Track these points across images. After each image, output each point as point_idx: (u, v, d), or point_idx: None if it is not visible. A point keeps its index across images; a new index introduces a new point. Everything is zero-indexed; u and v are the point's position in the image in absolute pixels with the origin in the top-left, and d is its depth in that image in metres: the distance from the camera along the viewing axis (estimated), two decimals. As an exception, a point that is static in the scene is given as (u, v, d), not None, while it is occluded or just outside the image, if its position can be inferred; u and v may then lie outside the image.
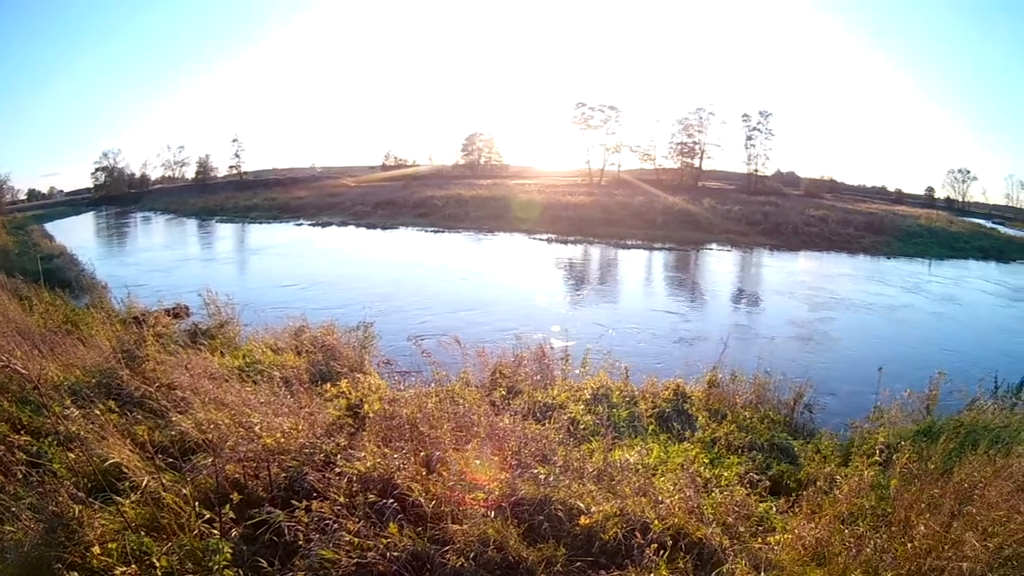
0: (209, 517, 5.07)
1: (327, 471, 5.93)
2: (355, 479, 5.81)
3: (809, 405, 10.71)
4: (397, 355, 11.38)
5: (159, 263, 33.53)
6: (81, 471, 6.00)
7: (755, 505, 6.67)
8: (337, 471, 5.90)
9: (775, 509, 6.94)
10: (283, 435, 6.49)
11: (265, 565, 4.90)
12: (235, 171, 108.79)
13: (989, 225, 71.95)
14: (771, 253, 44.77)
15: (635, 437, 8.73)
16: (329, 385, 8.67)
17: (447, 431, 6.76)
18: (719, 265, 38.92)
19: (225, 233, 53.13)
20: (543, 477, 6.03)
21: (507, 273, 31.45)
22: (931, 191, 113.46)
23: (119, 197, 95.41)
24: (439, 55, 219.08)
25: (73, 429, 6.43)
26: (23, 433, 6.79)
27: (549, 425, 7.39)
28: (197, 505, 5.17)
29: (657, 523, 5.57)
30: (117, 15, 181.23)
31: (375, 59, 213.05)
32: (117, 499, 5.38)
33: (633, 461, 6.84)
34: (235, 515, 5.08)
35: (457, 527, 5.27)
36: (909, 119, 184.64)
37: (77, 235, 51.54)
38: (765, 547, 5.78)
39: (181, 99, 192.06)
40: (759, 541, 5.94)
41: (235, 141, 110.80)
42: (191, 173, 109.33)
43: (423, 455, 6.26)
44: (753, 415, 10.16)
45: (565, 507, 5.75)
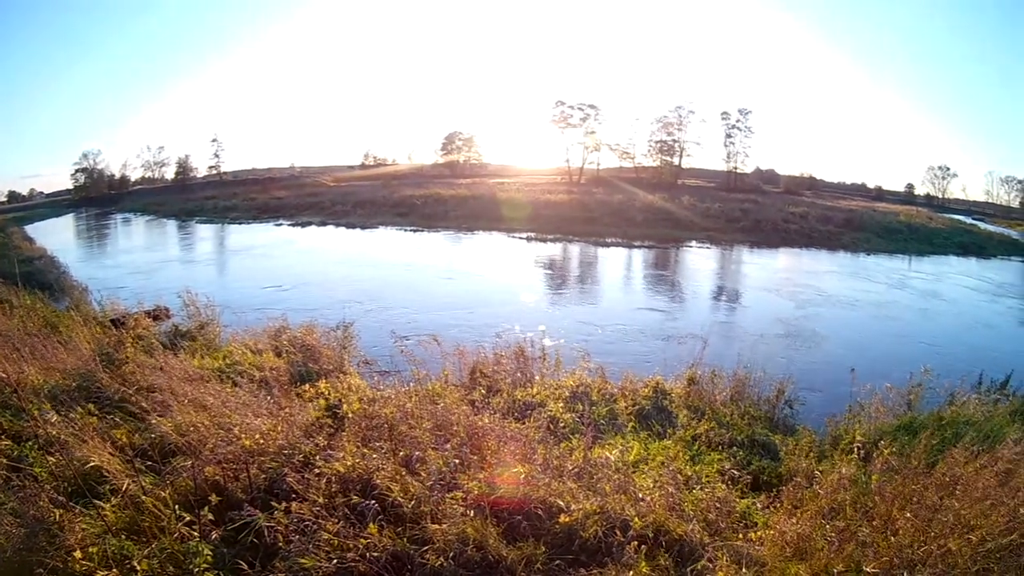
0: (189, 520, 5.03)
1: (306, 472, 5.92)
2: (334, 480, 5.80)
3: (790, 401, 10.75)
4: (378, 355, 11.38)
5: (140, 265, 33.24)
6: (62, 475, 5.98)
7: (736, 501, 6.73)
8: (316, 472, 5.88)
9: (756, 505, 6.98)
10: (262, 436, 6.46)
11: (245, 567, 4.88)
12: (215, 171, 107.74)
13: (969, 221, 72.56)
14: (751, 250, 44.97)
15: (615, 435, 8.75)
16: (308, 386, 8.65)
17: (426, 431, 6.77)
18: (699, 263, 39.10)
19: (205, 234, 52.71)
20: (523, 475, 6.02)
21: (488, 272, 31.39)
22: (911, 188, 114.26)
23: (99, 198, 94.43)
24: (419, 54, 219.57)
25: (53, 433, 6.42)
26: (3, 437, 6.74)
27: (529, 423, 7.39)
28: (177, 508, 5.15)
29: (637, 520, 5.57)
30: (96, 18, 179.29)
31: (355, 58, 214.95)
32: (98, 503, 5.36)
33: (613, 459, 6.84)
34: (215, 517, 5.07)
35: (436, 527, 5.26)
36: (889, 117, 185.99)
37: (58, 237, 51.11)
38: (746, 543, 5.83)
39: (161, 101, 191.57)
40: (740, 537, 6.00)
41: (215, 141, 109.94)
42: (171, 173, 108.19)
43: (402, 455, 6.26)
44: (734, 411, 10.21)
45: (545, 505, 5.74)
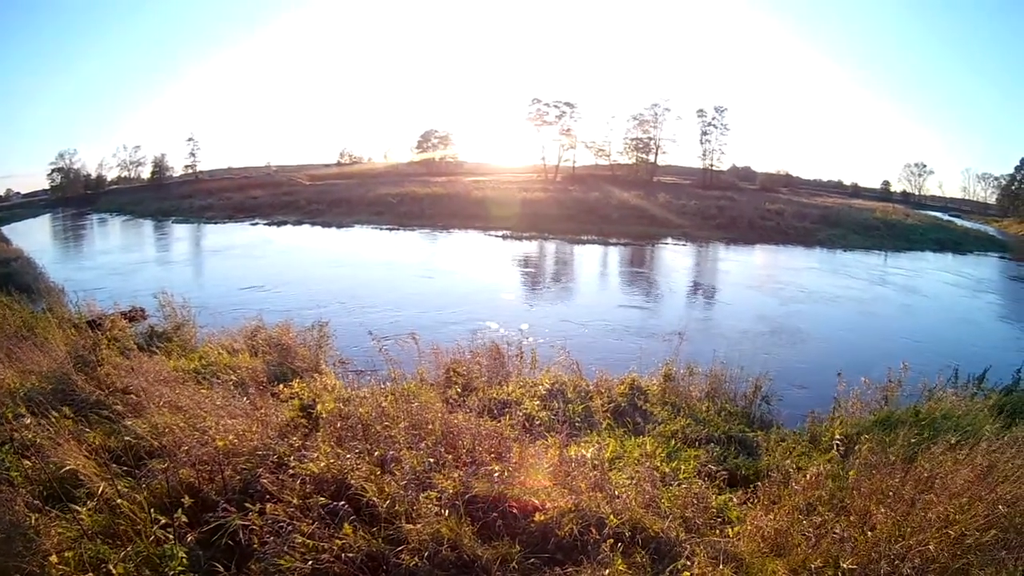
0: (165, 523, 5.02)
1: (281, 473, 5.92)
2: (308, 480, 5.80)
3: (767, 397, 10.82)
4: (357, 355, 11.35)
5: (117, 266, 32.87)
6: (37, 479, 5.95)
7: (713, 497, 6.74)
8: (291, 472, 5.88)
9: (734, 501, 7.01)
10: (237, 437, 6.44)
11: (221, 570, 4.88)
12: (191, 171, 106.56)
13: (946, 218, 73.39)
14: (727, 247, 45.34)
15: (591, 432, 8.77)
16: (283, 386, 8.63)
17: (401, 430, 6.76)
18: (676, 260, 39.45)
19: (182, 234, 52.23)
20: (497, 474, 6.04)
21: (466, 270, 31.39)
22: (887, 185, 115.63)
23: (76, 198, 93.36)
24: (395, 52, 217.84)
25: (29, 436, 6.38)
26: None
27: (504, 422, 7.40)
28: (152, 511, 5.14)
29: (613, 518, 5.58)
30: (70, 20, 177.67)
31: (331, 56, 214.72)
32: (73, 507, 5.34)
33: (589, 456, 6.85)
34: (190, 520, 5.06)
35: (411, 526, 5.26)
36: (865, 114, 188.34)
37: (34, 238, 50.47)
38: (724, 539, 5.85)
39: (136, 101, 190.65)
40: (718, 533, 6.02)
41: (190, 140, 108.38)
42: (147, 173, 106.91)
43: (377, 454, 6.27)
44: (710, 408, 10.27)
45: (520, 504, 5.77)
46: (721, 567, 5.31)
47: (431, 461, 6.12)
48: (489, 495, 5.80)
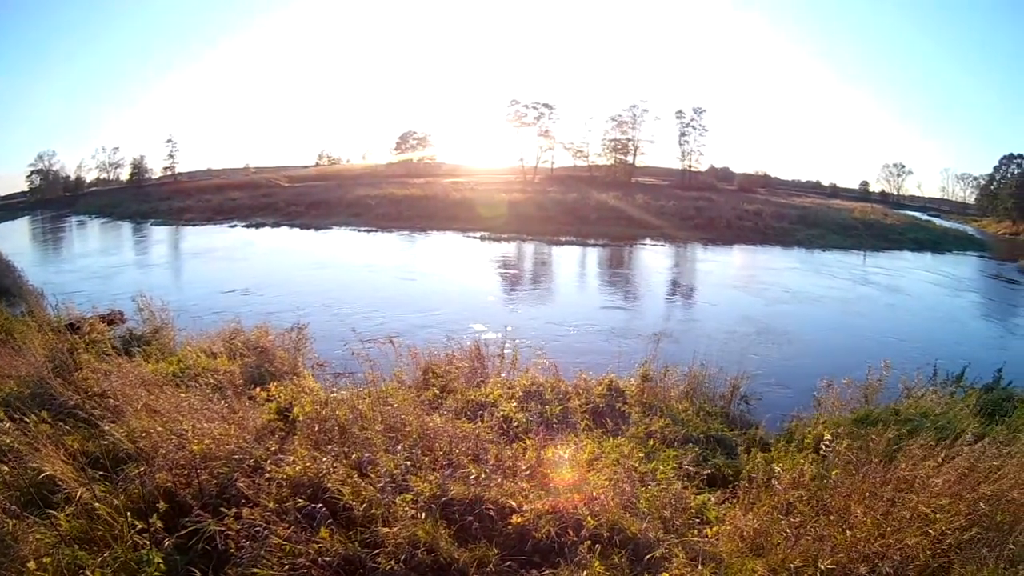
0: (142, 528, 5.01)
1: (257, 476, 5.90)
2: (285, 484, 5.78)
3: (746, 396, 10.90)
4: (335, 357, 11.33)
5: (96, 269, 32.70)
6: (15, 484, 5.91)
7: (692, 498, 6.73)
8: (267, 476, 5.87)
9: (712, 501, 7.02)
10: (213, 441, 6.40)
11: (199, 574, 4.88)
12: (170, 172, 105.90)
13: (924, 218, 74.21)
14: (705, 248, 45.74)
15: (569, 433, 8.77)
16: (259, 389, 8.60)
17: (378, 432, 6.76)
18: (655, 260, 39.76)
19: (161, 237, 51.82)
20: (474, 476, 6.04)
21: (445, 272, 31.48)
22: (866, 185, 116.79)
23: (55, 200, 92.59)
24: (373, 53, 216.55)
25: (7, 441, 6.34)
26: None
27: (481, 424, 7.40)
28: (129, 516, 5.12)
29: (590, 519, 5.59)
30: (50, 20, 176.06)
31: (309, 57, 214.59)
32: (51, 512, 5.32)
33: (567, 458, 6.88)
34: (168, 524, 5.06)
35: (388, 530, 5.25)
36: (844, 115, 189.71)
37: (12, 241, 49.98)
38: (703, 539, 5.86)
39: (115, 102, 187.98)
40: (696, 534, 6.02)
41: (169, 141, 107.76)
42: (126, 174, 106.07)
43: (354, 457, 6.26)
44: (688, 408, 10.30)
45: (497, 506, 5.75)
46: (700, 567, 5.31)
47: (408, 464, 6.13)
48: (466, 497, 5.79)
